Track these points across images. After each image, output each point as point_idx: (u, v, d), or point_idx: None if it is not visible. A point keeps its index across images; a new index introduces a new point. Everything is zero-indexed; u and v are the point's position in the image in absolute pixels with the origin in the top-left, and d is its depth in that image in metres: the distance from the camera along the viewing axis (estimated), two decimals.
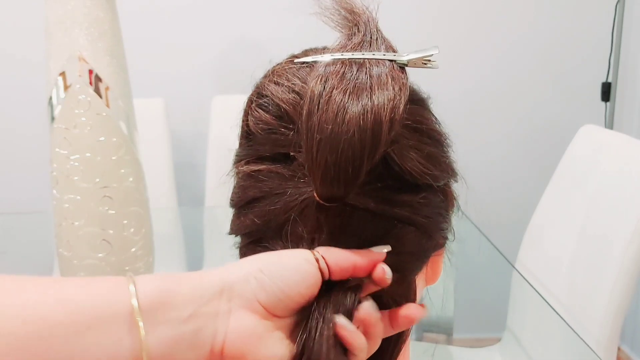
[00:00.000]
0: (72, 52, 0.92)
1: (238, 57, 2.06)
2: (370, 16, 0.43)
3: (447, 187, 0.45)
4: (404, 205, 0.40)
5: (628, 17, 2.07)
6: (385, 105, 0.37)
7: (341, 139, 0.36)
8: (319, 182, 0.38)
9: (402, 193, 0.40)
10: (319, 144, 0.37)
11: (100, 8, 0.94)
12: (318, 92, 0.38)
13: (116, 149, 0.95)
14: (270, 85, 0.43)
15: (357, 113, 0.37)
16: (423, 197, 0.41)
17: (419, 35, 2.09)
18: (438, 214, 0.43)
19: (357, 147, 0.36)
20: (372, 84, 0.38)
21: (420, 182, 0.41)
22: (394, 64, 0.40)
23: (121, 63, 0.98)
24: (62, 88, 0.93)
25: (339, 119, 0.37)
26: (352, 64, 0.39)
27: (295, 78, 0.42)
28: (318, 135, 0.37)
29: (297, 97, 0.41)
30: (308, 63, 0.42)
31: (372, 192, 0.39)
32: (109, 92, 0.95)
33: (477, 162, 2.15)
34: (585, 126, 1.47)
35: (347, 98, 0.37)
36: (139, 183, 0.99)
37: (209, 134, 1.88)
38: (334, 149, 0.36)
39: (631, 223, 1.16)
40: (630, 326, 2.18)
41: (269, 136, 0.41)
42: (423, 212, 0.41)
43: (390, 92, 0.38)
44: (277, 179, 0.41)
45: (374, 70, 0.39)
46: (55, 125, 0.94)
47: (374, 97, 0.37)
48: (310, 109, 0.38)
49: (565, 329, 1.14)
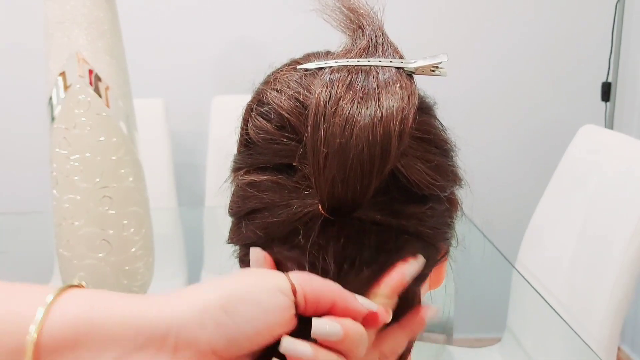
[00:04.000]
0: (71, 52, 0.92)
1: (238, 57, 2.06)
2: (375, 18, 0.41)
3: (452, 194, 0.44)
4: (410, 217, 0.39)
5: (628, 17, 2.06)
6: (395, 117, 0.35)
7: (350, 154, 0.35)
8: (325, 197, 0.36)
9: (409, 204, 0.39)
10: (326, 159, 0.35)
11: (100, 8, 0.94)
12: (324, 102, 0.36)
13: (116, 149, 0.95)
14: (271, 92, 0.41)
15: (366, 126, 0.35)
16: (430, 208, 0.40)
17: (419, 37, 2.09)
18: (444, 223, 0.42)
19: (367, 162, 0.35)
20: (380, 94, 0.36)
21: (427, 192, 0.39)
22: (401, 72, 0.38)
23: (121, 63, 0.98)
24: (62, 88, 0.93)
25: (347, 132, 0.35)
26: (359, 72, 0.38)
27: (298, 86, 0.40)
28: (325, 149, 0.35)
29: (301, 106, 0.39)
30: (311, 70, 0.40)
31: (378, 205, 0.38)
32: (109, 92, 0.95)
33: (478, 162, 2.15)
34: (585, 126, 1.47)
35: (355, 109, 0.35)
36: (138, 183, 0.99)
37: (209, 134, 1.88)
38: (342, 164, 0.35)
39: (631, 223, 1.16)
40: (630, 326, 2.18)
41: (271, 146, 0.39)
42: (429, 223, 0.40)
43: (399, 103, 0.36)
44: (280, 190, 0.39)
45: (381, 79, 0.37)
46: (55, 125, 0.94)
47: (382, 108, 0.36)
48: (316, 120, 0.36)
49: (565, 329, 1.13)
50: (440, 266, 0.45)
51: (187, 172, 2.09)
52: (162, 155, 1.87)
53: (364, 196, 0.36)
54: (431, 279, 0.45)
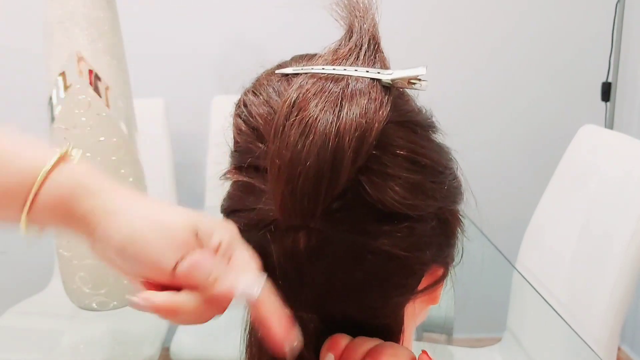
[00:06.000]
0: (71, 52, 0.92)
1: (238, 57, 2.06)
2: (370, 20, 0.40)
3: (446, 213, 0.41)
4: (378, 235, 0.36)
5: (628, 17, 2.06)
6: (351, 133, 0.34)
7: (297, 168, 0.34)
8: (277, 206, 0.36)
9: (377, 222, 0.36)
10: (278, 170, 0.35)
11: (100, 8, 0.94)
12: (286, 111, 0.36)
13: (116, 149, 0.95)
14: (250, 95, 0.41)
15: (319, 140, 0.34)
16: (406, 227, 0.37)
17: (418, 35, 2.09)
18: (428, 245, 0.39)
19: (313, 178, 0.34)
20: (342, 107, 0.35)
21: (399, 211, 0.37)
22: (375, 83, 0.37)
23: (121, 63, 0.98)
24: (62, 88, 0.93)
25: (299, 146, 0.34)
26: (330, 81, 0.36)
27: (273, 91, 0.39)
28: (278, 161, 0.35)
29: (272, 111, 0.38)
30: (288, 75, 0.39)
31: (342, 220, 0.36)
32: (109, 92, 0.95)
33: (477, 162, 2.15)
34: (585, 126, 1.47)
35: (312, 121, 0.35)
36: (138, 183, 0.99)
37: (209, 134, 1.88)
38: (291, 177, 0.34)
39: (631, 223, 1.16)
40: (630, 326, 2.18)
41: (248, 147, 0.39)
42: (403, 243, 0.37)
43: (360, 117, 0.35)
44: (253, 193, 0.38)
45: (349, 90, 0.36)
46: (55, 125, 0.94)
47: (340, 122, 0.34)
48: (277, 130, 0.35)
49: (565, 329, 1.13)
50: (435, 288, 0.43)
51: (187, 172, 2.09)
52: (162, 155, 1.87)
53: (314, 210, 0.35)
54: (425, 297, 0.43)
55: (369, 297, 0.38)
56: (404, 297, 0.40)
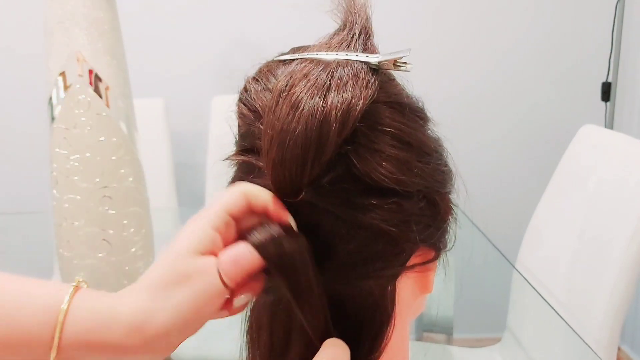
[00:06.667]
0: (71, 52, 0.92)
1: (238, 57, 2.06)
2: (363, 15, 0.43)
3: (434, 195, 0.42)
4: (366, 209, 0.39)
5: (628, 17, 2.07)
6: (338, 106, 0.37)
7: (287, 137, 0.37)
8: (270, 178, 0.38)
9: (365, 196, 0.39)
10: (270, 140, 0.38)
11: (100, 8, 0.94)
12: (279, 90, 0.39)
13: (116, 149, 0.95)
14: (252, 82, 0.44)
15: (308, 112, 0.37)
16: (393, 203, 0.39)
17: (418, 34, 2.09)
18: (415, 223, 0.41)
19: (302, 146, 0.37)
20: (331, 85, 0.38)
21: (387, 186, 0.39)
22: (363, 66, 0.40)
23: (121, 63, 0.98)
24: (62, 88, 0.93)
25: (289, 117, 0.37)
26: (319, 64, 0.40)
27: (271, 75, 0.42)
28: (270, 131, 0.38)
29: (269, 94, 0.41)
30: (285, 61, 0.42)
31: (332, 192, 0.38)
32: (109, 92, 0.95)
33: (477, 161, 2.15)
34: (585, 126, 1.47)
35: (302, 96, 0.38)
36: (138, 183, 0.99)
37: (209, 134, 1.88)
38: (281, 146, 0.37)
39: (631, 223, 1.16)
40: (630, 326, 2.18)
41: (249, 129, 0.42)
42: (392, 219, 0.39)
43: (347, 94, 0.38)
44: (252, 171, 0.41)
45: (337, 72, 0.39)
46: (55, 125, 0.94)
47: (328, 97, 0.38)
48: (271, 106, 0.38)
49: (565, 329, 1.14)
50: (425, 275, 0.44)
51: (187, 172, 2.09)
52: (162, 155, 1.87)
53: (303, 179, 0.37)
54: (417, 283, 0.44)
55: (357, 270, 0.40)
56: (390, 270, 0.41)
